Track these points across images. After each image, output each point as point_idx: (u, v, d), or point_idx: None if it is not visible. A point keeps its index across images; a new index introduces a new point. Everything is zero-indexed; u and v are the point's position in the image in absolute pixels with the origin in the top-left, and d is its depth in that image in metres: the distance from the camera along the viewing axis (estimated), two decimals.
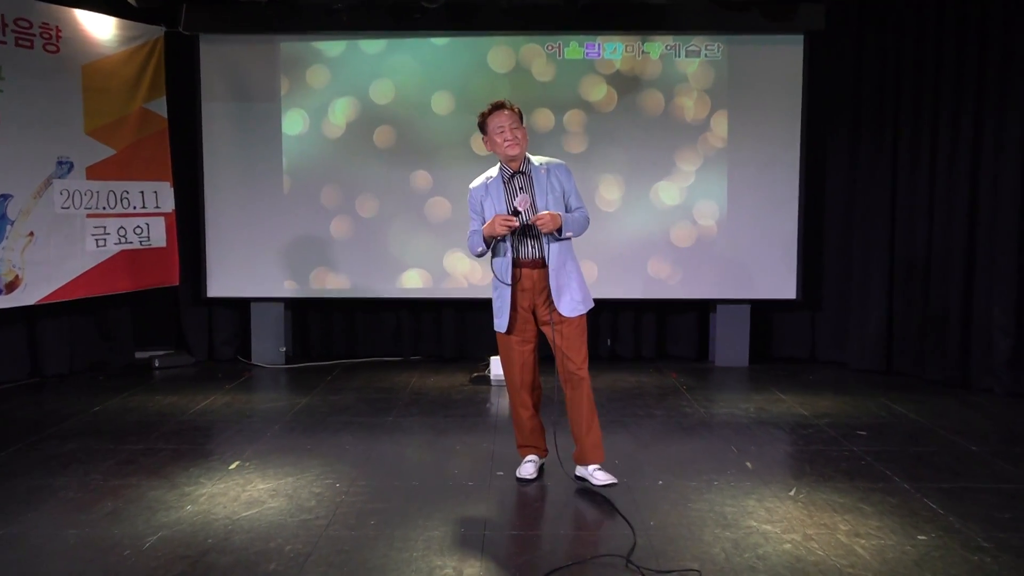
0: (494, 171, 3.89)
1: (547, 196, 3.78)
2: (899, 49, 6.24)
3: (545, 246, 3.76)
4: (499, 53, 6.50)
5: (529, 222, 3.72)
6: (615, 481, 3.82)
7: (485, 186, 3.87)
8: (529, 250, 3.80)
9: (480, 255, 3.89)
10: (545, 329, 3.86)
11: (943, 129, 6.00)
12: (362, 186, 6.64)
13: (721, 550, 3.21)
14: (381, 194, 6.64)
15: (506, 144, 3.75)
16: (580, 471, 3.95)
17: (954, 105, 5.94)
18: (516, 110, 3.80)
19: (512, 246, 3.79)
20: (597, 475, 3.86)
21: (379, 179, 6.62)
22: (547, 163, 3.86)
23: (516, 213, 3.71)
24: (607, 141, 6.54)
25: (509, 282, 3.79)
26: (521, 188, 3.80)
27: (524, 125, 3.84)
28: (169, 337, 7.11)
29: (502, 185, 3.83)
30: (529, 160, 3.85)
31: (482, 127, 3.84)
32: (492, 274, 3.86)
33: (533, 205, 3.76)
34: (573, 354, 3.82)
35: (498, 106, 3.79)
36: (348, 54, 6.54)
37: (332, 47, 6.53)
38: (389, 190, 6.63)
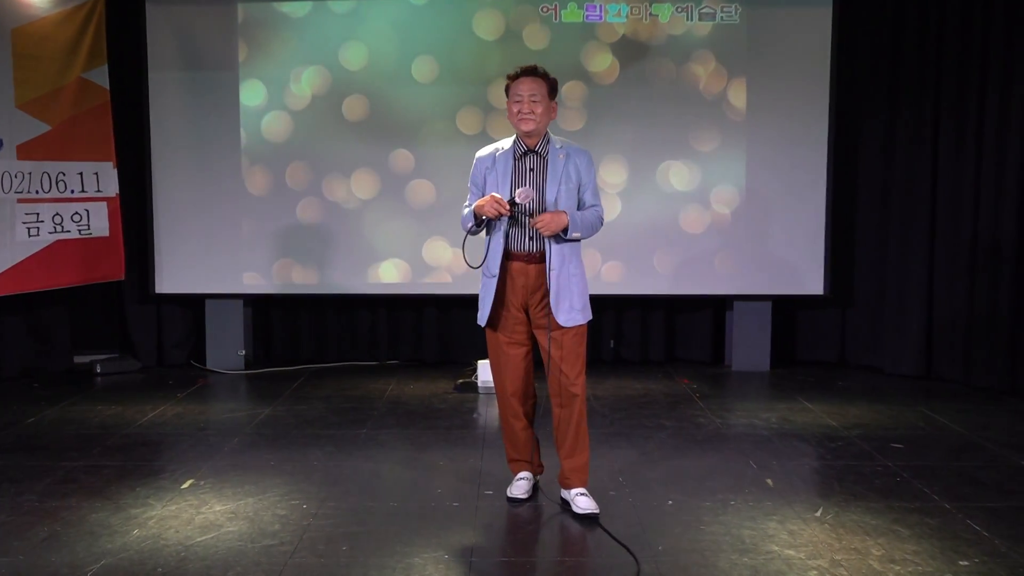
0: (507, 143, 3.89)
1: (559, 185, 3.77)
2: (942, 12, 6.27)
3: (547, 241, 3.76)
4: (486, 16, 6.50)
5: (528, 215, 3.70)
6: (596, 511, 3.81)
7: (493, 157, 3.87)
8: (525, 241, 3.80)
9: (471, 233, 3.90)
10: (538, 334, 3.87)
11: (991, 104, 6.04)
12: (332, 166, 6.64)
13: None
14: (354, 175, 6.64)
15: (519, 117, 3.76)
16: (564, 494, 3.97)
17: (1004, 77, 5.97)
18: (547, 80, 3.79)
19: (505, 232, 3.80)
20: (579, 501, 3.85)
21: (351, 158, 6.63)
22: (568, 147, 3.85)
23: (513, 204, 3.72)
24: (609, 116, 6.55)
25: (491, 272, 3.81)
26: (532, 169, 3.81)
27: (554, 100, 3.83)
28: (112, 339, 7.10)
29: (511, 161, 3.83)
30: (549, 140, 3.85)
31: (507, 91, 3.85)
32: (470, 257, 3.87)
33: (543, 194, 3.76)
34: (568, 367, 3.82)
35: (525, 71, 3.78)
36: (314, 16, 6.53)
37: (296, 8, 6.52)
38: (363, 171, 6.64)
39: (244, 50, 6.56)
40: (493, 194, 3.71)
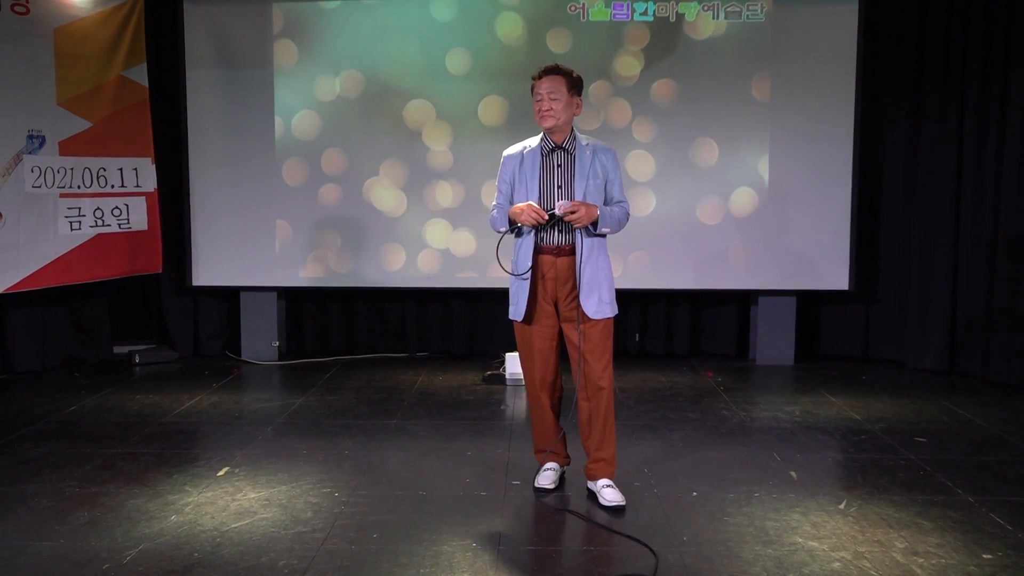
0: (534, 141, 3.90)
1: (588, 180, 3.78)
2: (967, 10, 6.19)
3: (578, 235, 3.76)
4: (514, 15, 6.48)
5: (560, 214, 3.70)
6: (623, 503, 3.81)
7: (521, 155, 3.88)
8: (554, 235, 3.80)
9: (502, 233, 3.90)
10: (566, 327, 3.87)
11: (1015, 99, 5.95)
12: (364, 161, 6.65)
13: (762, 569, 3.21)
14: (387, 171, 6.65)
15: (540, 115, 3.77)
16: (590, 485, 3.97)
17: None
18: (568, 78, 3.78)
19: (536, 229, 3.80)
20: (605, 493, 3.84)
21: (383, 153, 6.63)
22: (594, 144, 3.86)
23: (552, 217, 3.71)
24: (636, 113, 6.52)
25: (526, 275, 3.80)
26: (560, 165, 3.81)
27: (578, 96, 3.83)
28: (150, 330, 7.17)
29: (539, 159, 3.84)
30: (575, 137, 3.85)
31: (532, 92, 3.86)
32: (508, 257, 3.88)
33: (571, 189, 3.77)
34: (595, 360, 3.81)
35: (547, 71, 3.79)
36: (348, 13, 6.54)
37: (329, 6, 6.54)
38: (395, 166, 6.65)
39: (279, 48, 6.58)
40: (531, 203, 3.72)
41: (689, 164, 6.55)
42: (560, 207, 3.69)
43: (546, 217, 3.69)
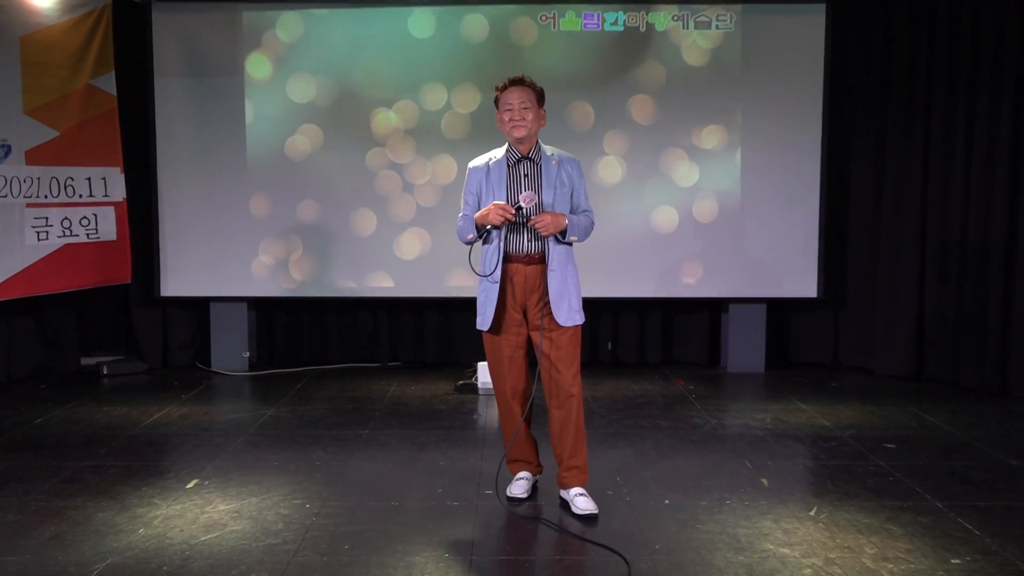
0: (499, 152, 3.90)
1: (554, 190, 3.80)
2: (933, 18, 6.26)
3: (546, 243, 3.77)
4: (485, 25, 6.48)
5: (527, 221, 3.72)
6: (595, 511, 3.81)
7: (487, 167, 3.88)
8: (523, 243, 3.80)
9: (469, 243, 3.90)
10: (535, 335, 3.86)
11: (980, 108, 6.03)
12: (335, 172, 6.63)
13: None
14: (357, 181, 6.63)
15: (511, 124, 3.78)
16: (563, 494, 3.96)
17: (993, 82, 5.97)
18: (534, 89, 3.83)
19: (503, 236, 3.80)
20: (578, 501, 3.84)
21: (354, 163, 6.61)
22: (559, 155, 3.89)
23: (519, 210, 3.72)
24: (606, 121, 6.54)
25: (495, 278, 3.80)
26: (526, 175, 3.82)
27: (543, 108, 3.86)
28: (119, 341, 7.10)
29: (505, 169, 3.85)
30: (540, 147, 3.87)
31: (496, 102, 3.87)
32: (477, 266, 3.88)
33: (540, 201, 3.78)
34: (564, 367, 3.82)
35: (514, 81, 3.82)
36: (317, 24, 6.52)
37: (299, 16, 6.51)
38: (366, 176, 6.63)
39: (250, 57, 6.55)
40: (496, 202, 3.72)
41: (659, 173, 6.57)
42: (523, 198, 3.71)
43: (513, 211, 3.70)
